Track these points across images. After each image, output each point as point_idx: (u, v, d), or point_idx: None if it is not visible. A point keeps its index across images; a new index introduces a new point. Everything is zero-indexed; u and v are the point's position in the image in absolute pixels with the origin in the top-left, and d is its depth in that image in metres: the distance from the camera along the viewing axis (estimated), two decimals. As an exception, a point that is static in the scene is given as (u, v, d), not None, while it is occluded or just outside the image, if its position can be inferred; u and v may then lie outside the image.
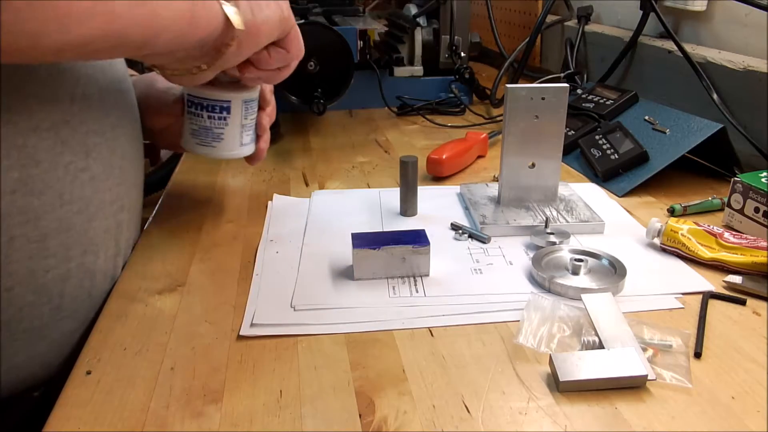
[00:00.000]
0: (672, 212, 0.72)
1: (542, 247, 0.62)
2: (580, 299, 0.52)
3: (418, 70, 1.21)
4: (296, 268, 0.61)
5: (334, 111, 1.18)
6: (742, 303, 0.54)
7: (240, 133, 0.68)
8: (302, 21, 0.97)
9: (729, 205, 0.68)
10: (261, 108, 0.71)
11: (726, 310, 0.53)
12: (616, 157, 0.81)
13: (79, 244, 0.54)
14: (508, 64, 1.22)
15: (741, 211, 0.67)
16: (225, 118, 0.66)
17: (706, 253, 0.60)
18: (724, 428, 0.40)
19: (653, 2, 1.00)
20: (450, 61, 1.21)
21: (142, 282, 0.59)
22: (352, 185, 0.83)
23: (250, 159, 0.72)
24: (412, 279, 0.59)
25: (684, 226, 0.62)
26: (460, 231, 0.68)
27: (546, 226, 0.66)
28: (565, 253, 0.61)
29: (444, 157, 0.83)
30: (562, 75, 1.19)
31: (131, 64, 0.71)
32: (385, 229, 0.69)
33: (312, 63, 0.96)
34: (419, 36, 1.21)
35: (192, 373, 0.46)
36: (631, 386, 0.44)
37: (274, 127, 1.02)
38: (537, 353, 0.48)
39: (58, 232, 0.51)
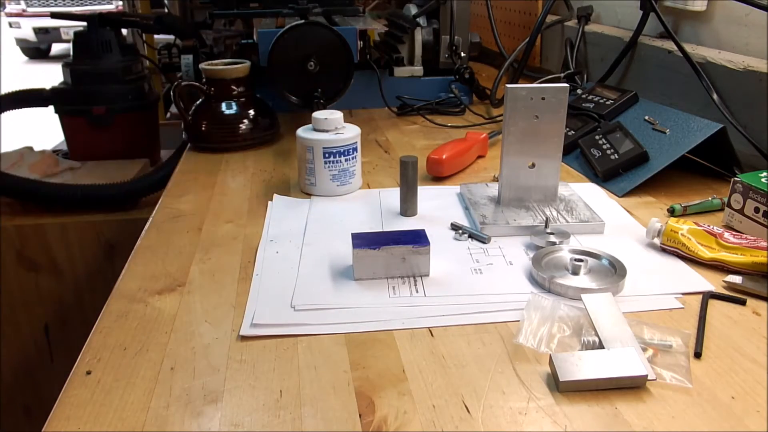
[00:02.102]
0: (672, 212, 0.72)
1: (542, 247, 0.62)
2: (580, 299, 0.52)
3: (418, 70, 1.21)
4: (296, 268, 0.61)
5: (334, 111, 1.18)
6: (742, 303, 0.54)
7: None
8: (302, 21, 0.97)
9: (729, 205, 0.68)
10: None
11: (726, 310, 0.53)
12: (616, 157, 0.81)
13: None
14: (508, 64, 1.22)
15: (741, 211, 0.67)
16: (355, 156, 0.79)
17: (706, 253, 0.60)
18: (724, 428, 0.40)
19: (653, 2, 1.00)
20: (450, 61, 1.21)
21: (142, 282, 0.59)
22: (352, 185, 0.83)
23: None
24: (412, 279, 0.59)
25: (684, 226, 0.62)
26: (460, 231, 0.68)
27: (546, 226, 0.66)
28: (565, 253, 0.61)
29: (444, 157, 0.83)
30: (562, 75, 1.19)
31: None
32: (385, 229, 0.69)
33: (312, 63, 0.96)
34: (419, 36, 1.21)
35: (192, 373, 0.46)
36: (631, 386, 0.44)
37: (274, 128, 1.02)
38: (537, 353, 0.48)
39: None
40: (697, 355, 0.47)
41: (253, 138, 0.98)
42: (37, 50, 7.51)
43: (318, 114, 0.78)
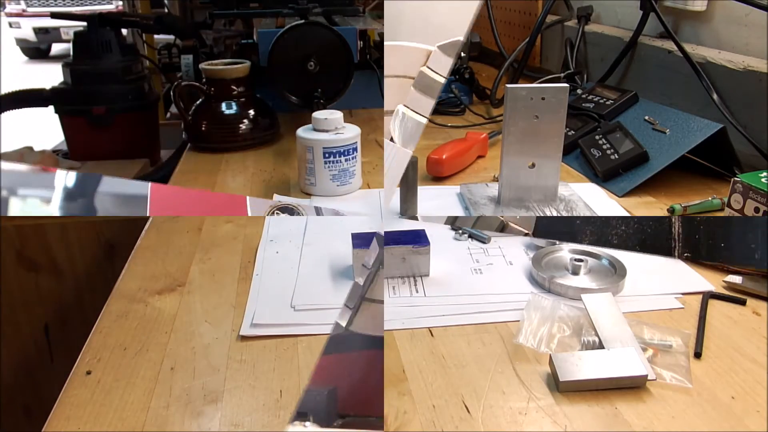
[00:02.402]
0: (672, 212, 0.72)
1: (542, 247, 0.62)
2: (580, 299, 0.52)
3: (418, 70, 1.21)
4: (296, 268, 0.61)
5: (334, 111, 1.18)
6: (742, 303, 0.54)
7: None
8: (302, 21, 0.97)
9: (729, 205, 0.68)
10: None
11: (726, 310, 0.53)
12: (616, 157, 0.81)
13: None
14: (508, 64, 1.22)
15: (741, 211, 0.67)
16: (355, 156, 0.79)
17: (706, 253, 0.60)
18: (724, 428, 0.40)
19: (653, 2, 1.00)
20: (450, 61, 1.21)
21: (142, 282, 0.59)
22: (352, 185, 0.83)
23: None
24: (412, 279, 0.59)
25: (684, 226, 0.62)
26: (460, 231, 0.68)
27: (546, 226, 0.66)
28: (565, 253, 0.61)
29: (444, 157, 0.83)
30: (562, 75, 1.19)
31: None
32: (385, 229, 0.69)
33: (312, 63, 0.96)
34: (419, 36, 1.20)
35: (192, 373, 0.46)
36: (631, 386, 0.44)
37: (274, 128, 1.02)
38: (537, 353, 0.48)
39: None
40: (697, 355, 0.47)
41: (253, 138, 0.98)
42: (37, 50, 7.50)
43: (318, 114, 0.78)
